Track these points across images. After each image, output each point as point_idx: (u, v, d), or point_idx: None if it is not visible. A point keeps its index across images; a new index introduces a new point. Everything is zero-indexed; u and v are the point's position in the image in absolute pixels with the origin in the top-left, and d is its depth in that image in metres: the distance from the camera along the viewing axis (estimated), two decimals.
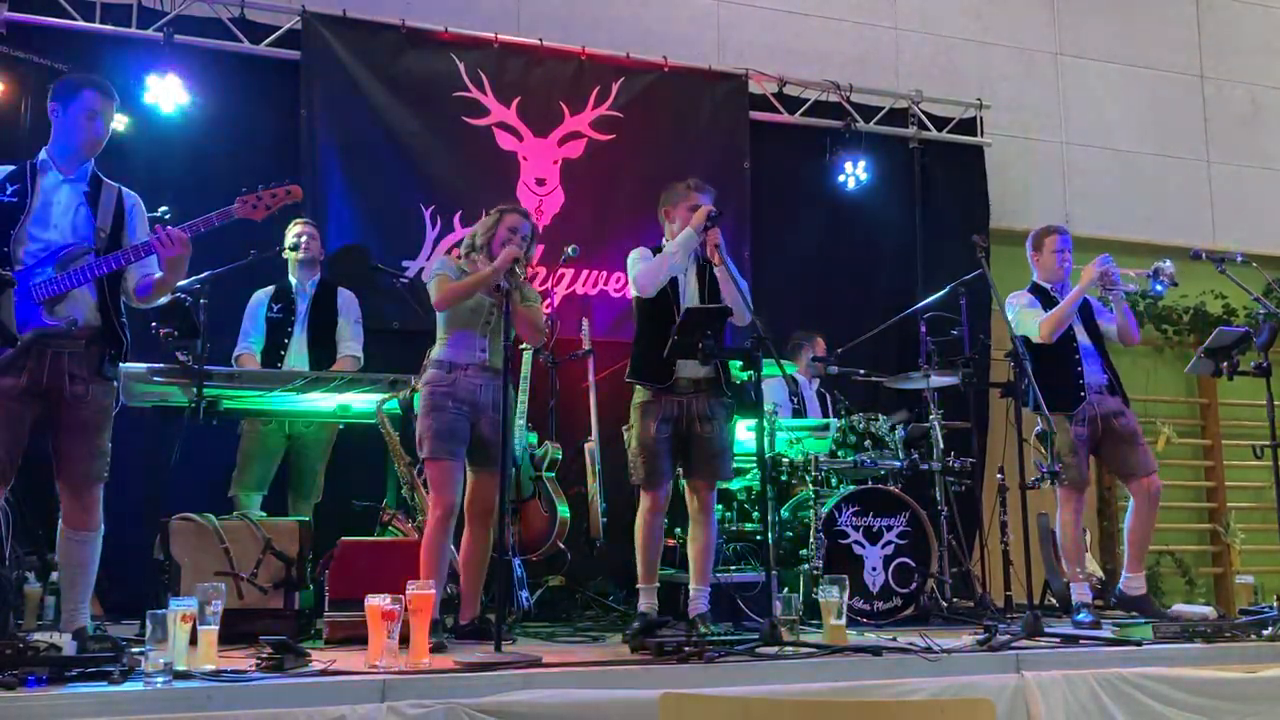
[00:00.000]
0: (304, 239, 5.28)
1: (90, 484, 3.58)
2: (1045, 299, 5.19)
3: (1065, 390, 5.04)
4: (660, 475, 4.27)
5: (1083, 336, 5.11)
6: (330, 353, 5.23)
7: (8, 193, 3.58)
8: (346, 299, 5.39)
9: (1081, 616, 4.77)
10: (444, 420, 4.12)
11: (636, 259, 4.41)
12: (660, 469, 4.27)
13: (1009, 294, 5.29)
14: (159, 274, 3.68)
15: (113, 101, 3.73)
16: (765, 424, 4.72)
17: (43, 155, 3.68)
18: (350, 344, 5.29)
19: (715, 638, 3.79)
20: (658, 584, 4.37)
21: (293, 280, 5.31)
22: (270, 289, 5.29)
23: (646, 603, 4.30)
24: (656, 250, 4.45)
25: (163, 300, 3.82)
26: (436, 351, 4.28)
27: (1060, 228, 5.32)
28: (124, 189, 3.79)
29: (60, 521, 3.62)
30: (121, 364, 4.19)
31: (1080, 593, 4.94)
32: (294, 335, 5.20)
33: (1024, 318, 5.15)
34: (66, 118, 3.66)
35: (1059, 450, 4.97)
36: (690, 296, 4.38)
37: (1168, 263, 5.09)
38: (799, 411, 5.88)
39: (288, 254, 5.24)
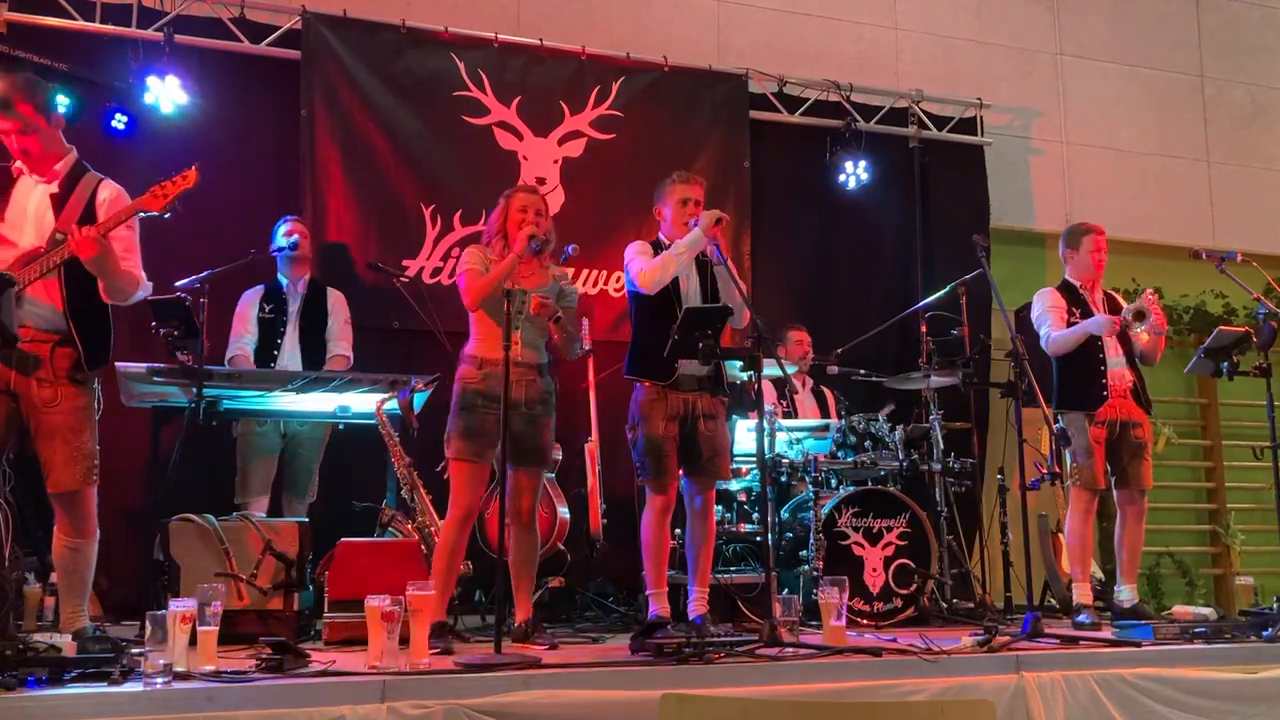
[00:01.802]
0: (298, 238, 5.28)
1: (78, 489, 3.51)
2: (1074, 298, 5.14)
3: (1088, 390, 5.00)
4: (669, 474, 4.27)
5: (1109, 338, 5.07)
6: (321, 352, 5.24)
7: None
8: (336, 299, 5.40)
9: (1082, 618, 4.77)
10: (473, 420, 4.06)
11: (636, 254, 4.40)
12: (669, 468, 4.27)
13: (1037, 290, 5.24)
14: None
15: (13, 102, 3.50)
16: (765, 424, 4.72)
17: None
18: (340, 344, 5.30)
19: (715, 638, 3.79)
20: (667, 588, 4.37)
21: (283, 280, 5.30)
22: (260, 288, 5.28)
23: (659, 608, 4.28)
24: (655, 245, 4.45)
25: (138, 297, 3.70)
26: (470, 346, 4.23)
27: (1097, 226, 5.21)
28: (104, 181, 3.68)
29: (55, 527, 3.58)
30: (120, 364, 4.19)
31: (1081, 594, 4.94)
32: (286, 335, 5.20)
33: (1042, 321, 5.12)
34: None
35: (1075, 451, 4.96)
36: (691, 296, 4.38)
37: (1150, 316, 4.97)
38: (788, 414, 5.86)
39: (287, 253, 5.24)
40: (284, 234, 5.27)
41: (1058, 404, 5.04)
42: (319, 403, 4.75)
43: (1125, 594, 5.03)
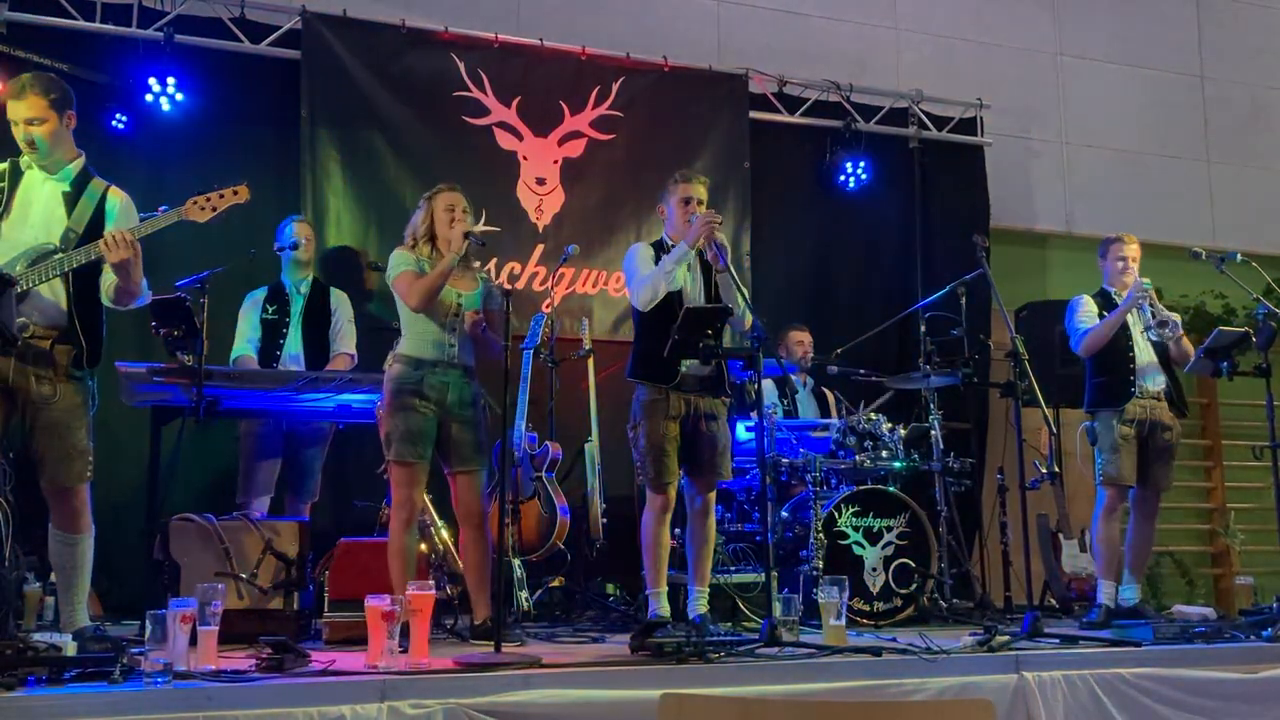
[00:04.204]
0: (304, 240, 5.29)
1: (73, 485, 3.53)
2: (1107, 304, 5.16)
3: (1115, 387, 5.04)
4: (670, 474, 4.26)
5: (1139, 338, 5.09)
6: (325, 352, 5.25)
7: None
8: (340, 298, 5.40)
9: (1092, 615, 4.78)
10: (412, 420, 4.03)
11: (635, 261, 4.39)
12: (670, 468, 4.25)
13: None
14: (114, 279, 3.60)
15: (24, 99, 3.54)
16: (765, 424, 4.72)
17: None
18: (344, 343, 5.32)
19: (715, 638, 3.79)
20: (666, 588, 4.37)
21: (286, 280, 5.31)
22: (264, 289, 5.30)
23: (659, 608, 4.28)
24: (657, 245, 4.45)
25: (140, 302, 3.72)
26: (403, 346, 4.18)
27: (1125, 237, 5.23)
28: (113, 188, 3.71)
29: (49, 524, 3.59)
30: (120, 364, 4.19)
31: (1106, 594, 4.95)
32: (289, 335, 5.21)
33: (1074, 326, 5.16)
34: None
35: (1101, 447, 4.99)
36: (693, 298, 4.37)
37: (1177, 324, 5.09)
38: (789, 413, 5.87)
39: (289, 252, 5.25)
40: (291, 234, 5.29)
41: (1089, 403, 5.12)
42: (319, 402, 4.75)
43: (1128, 593, 5.04)
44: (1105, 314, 5.10)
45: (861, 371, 5.93)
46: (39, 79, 3.62)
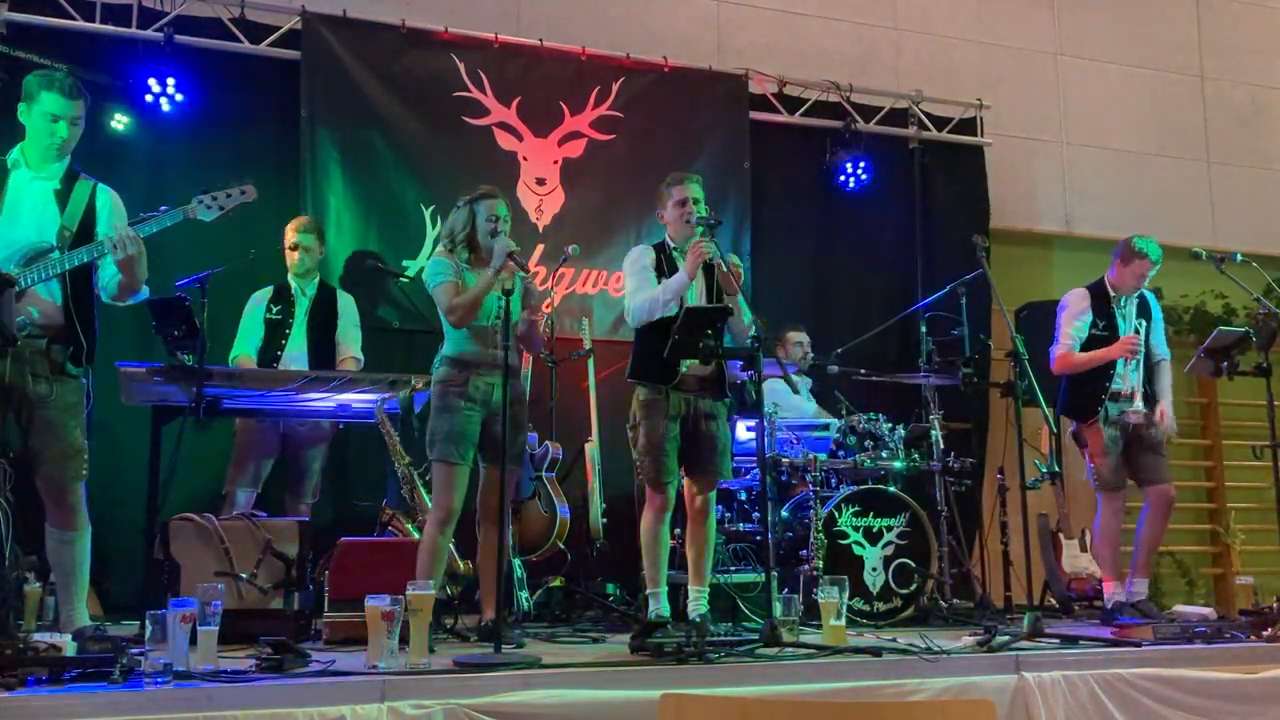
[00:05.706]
0: (309, 247, 5.28)
1: (69, 483, 3.54)
2: (1103, 306, 5.18)
3: (1092, 396, 5.10)
4: (669, 474, 4.26)
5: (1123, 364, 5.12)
6: (329, 354, 5.23)
7: None
8: (346, 301, 5.39)
9: (1123, 618, 4.79)
10: (455, 422, 4.07)
11: (635, 272, 4.38)
12: (669, 467, 4.26)
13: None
14: (118, 275, 3.62)
15: (77, 100, 3.64)
16: (765, 424, 4.72)
17: (15, 152, 3.66)
18: (350, 346, 5.30)
19: (715, 638, 3.78)
20: (666, 588, 4.37)
21: (292, 281, 5.30)
22: (268, 289, 5.29)
23: (659, 608, 4.28)
24: (658, 248, 4.45)
25: (139, 298, 3.75)
26: (448, 349, 4.22)
27: (1148, 250, 5.13)
28: (100, 185, 3.73)
29: (46, 522, 3.60)
30: (120, 364, 4.20)
31: (1136, 590, 4.95)
32: (292, 336, 5.20)
33: (1058, 336, 5.21)
34: (31, 120, 3.62)
35: (1091, 452, 5.00)
36: (693, 296, 4.37)
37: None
38: None
39: (291, 252, 5.25)
40: (296, 234, 5.28)
41: (1062, 409, 5.19)
42: (319, 403, 4.75)
43: (1137, 588, 5.04)
44: (1098, 320, 5.12)
45: (862, 371, 5.93)
46: (79, 83, 3.69)
